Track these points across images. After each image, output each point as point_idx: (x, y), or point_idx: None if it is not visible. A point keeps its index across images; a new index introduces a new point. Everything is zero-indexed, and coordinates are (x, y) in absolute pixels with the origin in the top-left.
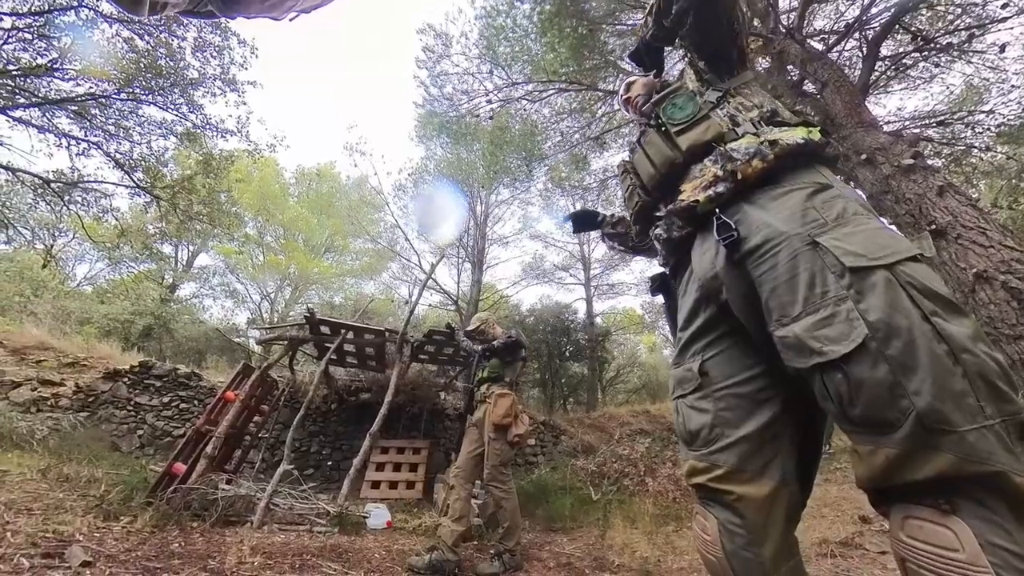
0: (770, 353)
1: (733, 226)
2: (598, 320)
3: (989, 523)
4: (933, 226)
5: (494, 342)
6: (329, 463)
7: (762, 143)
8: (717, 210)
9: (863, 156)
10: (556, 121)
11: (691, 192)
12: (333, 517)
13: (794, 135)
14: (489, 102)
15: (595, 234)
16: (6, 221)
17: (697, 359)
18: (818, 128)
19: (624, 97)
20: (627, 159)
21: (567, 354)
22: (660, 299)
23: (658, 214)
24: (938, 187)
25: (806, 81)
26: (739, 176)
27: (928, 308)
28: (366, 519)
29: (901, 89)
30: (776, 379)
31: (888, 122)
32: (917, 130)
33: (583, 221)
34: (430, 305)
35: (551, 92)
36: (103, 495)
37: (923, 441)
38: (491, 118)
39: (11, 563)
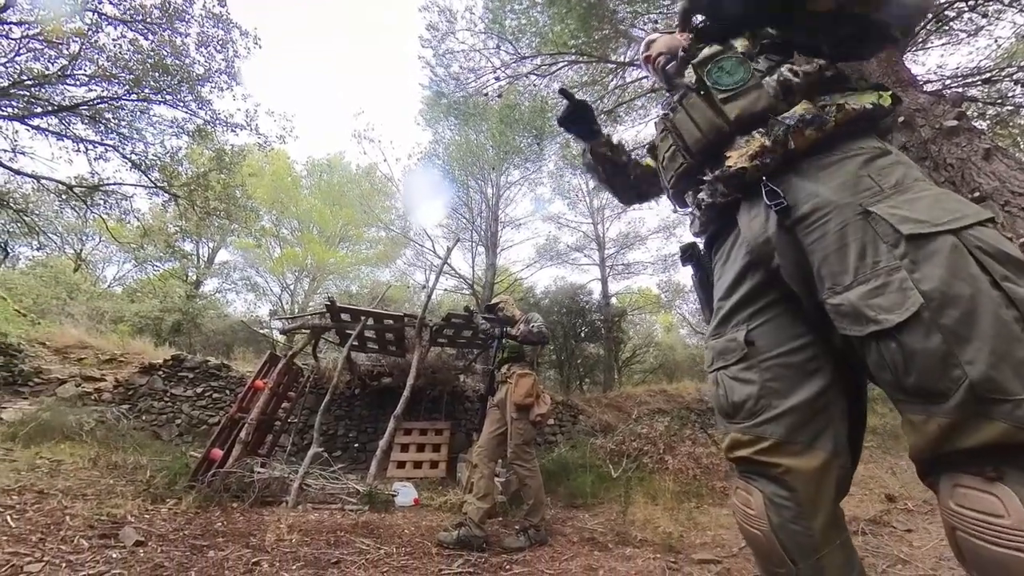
0: (820, 322)
1: (781, 194)
2: (613, 300)
3: None
4: (977, 193)
5: (519, 326)
6: (356, 445)
7: (822, 107)
8: (764, 178)
9: (900, 119)
10: None
11: (737, 159)
12: (363, 496)
13: (861, 100)
14: (497, 79)
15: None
16: (36, 229)
17: (743, 328)
18: (889, 93)
19: (645, 55)
20: (668, 116)
21: (583, 335)
22: (689, 270)
23: (704, 178)
24: (984, 150)
25: None
26: (790, 146)
27: (999, 273)
28: (394, 497)
29: (942, 44)
30: (826, 349)
31: (928, 81)
32: (960, 89)
33: (577, 118)
34: (446, 290)
35: (561, 66)
36: (149, 480)
37: (974, 410)
38: (499, 96)
39: (72, 544)
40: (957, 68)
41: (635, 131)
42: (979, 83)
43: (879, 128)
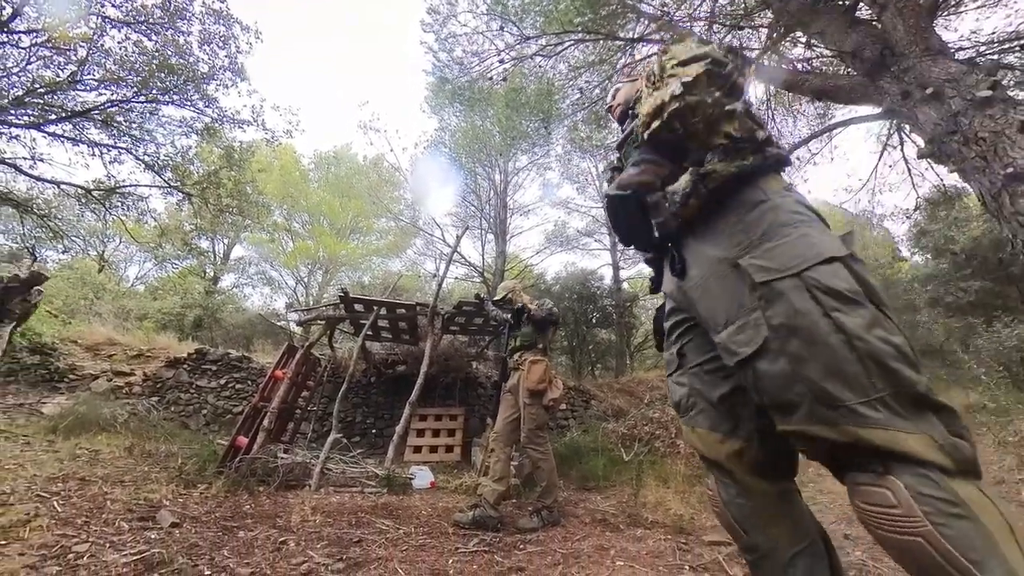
0: None
1: (677, 259)
2: (625, 286)
3: (919, 477)
4: (1011, 168)
5: (531, 308)
6: (373, 431)
7: (696, 180)
8: (670, 244)
9: (928, 90)
10: (573, 77)
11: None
12: (381, 479)
13: (729, 167)
14: (502, 62)
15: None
16: (60, 233)
17: (676, 344)
18: (748, 153)
19: (608, 106)
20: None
21: (594, 321)
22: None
23: None
24: (1020, 122)
25: (861, 4)
26: (680, 218)
27: (830, 306)
28: (411, 480)
29: (976, 8)
30: None
31: (960, 48)
32: (995, 56)
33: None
34: (456, 278)
35: (567, 45)
36: (181, 467)
37: (819, 416)
38: (504, 79)
39: (114, 526)
40: (993, 33)
41: None
42: (1017, 49)
43: (765, 174)
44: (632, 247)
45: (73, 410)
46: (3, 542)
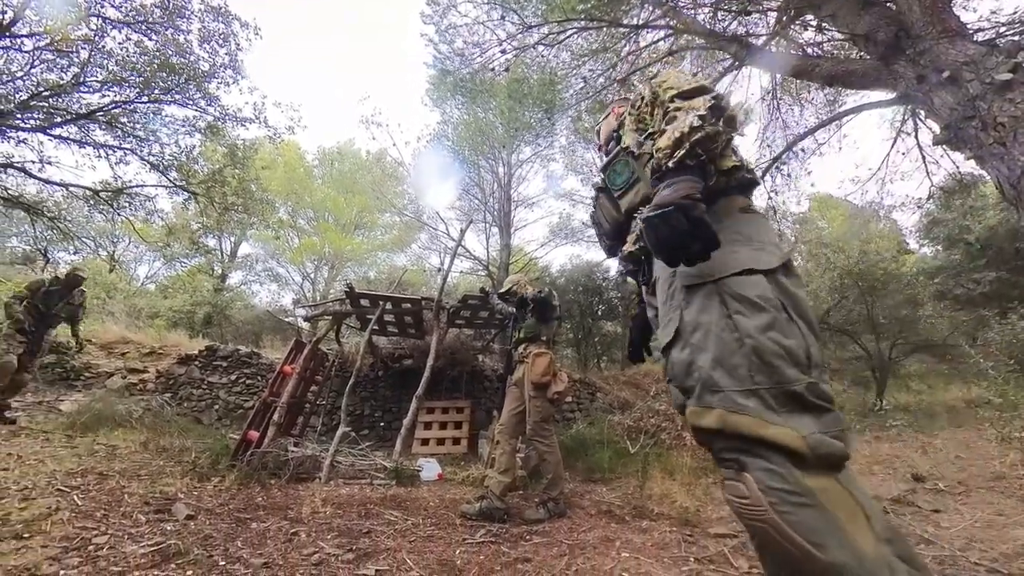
0: None
1: (645, 272)
2: (630, 278)
3: (767, 471)
4: None
5: (527, 293)
6: (381, 424)
7: (671, 155)
8: (643, 257)
9: (945, 74)
10: (577, 66)
11: (628, 245)
12: (390, 471)
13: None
14: (503, 52)
15: None
16: (71, 234)
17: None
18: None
19: (597, 143)
20: (592, 210)
21: (599, 313)
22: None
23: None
24: None
25: None
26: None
27: (734, 308)
28: (419, 472)
29: None
30: None
31: (979, 29)
32: (1016, 37)
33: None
34: (461, 272)
35: (569, 33)
36: (194, 461)
37: (703, 400)
38: (506, 70)
39: (131, 518)
40: (1015, 13)
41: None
42: None
43: (728, 195)
44: (679, 264)
45: (89, 407)
46: (26, 535)
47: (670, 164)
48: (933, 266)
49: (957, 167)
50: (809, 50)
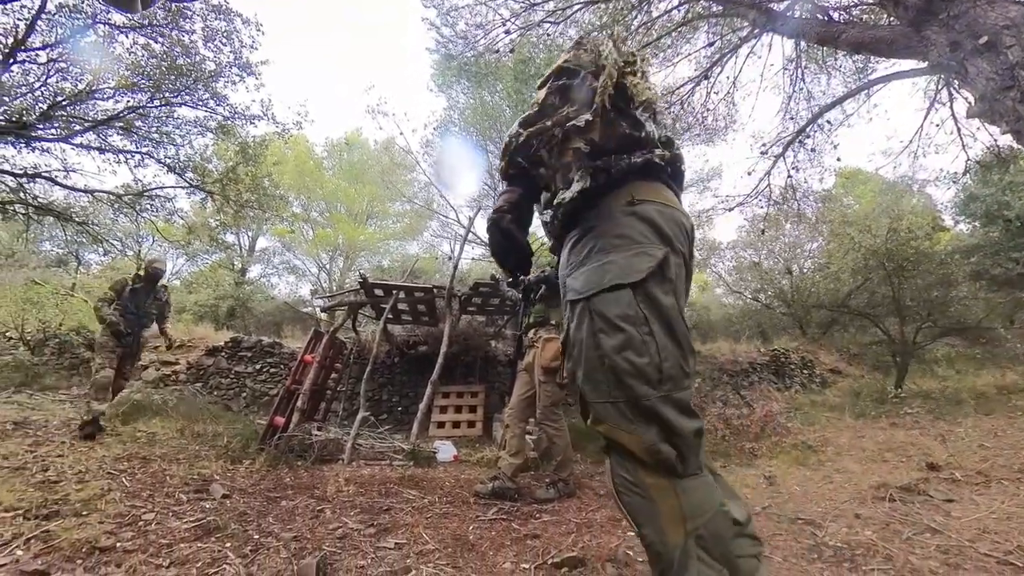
0: None
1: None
2: None
3: (619, 462)
4: None
5: (527, 278)
6: (399, 408)
7: (553, 212)
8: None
9: (982, 40)
10: None
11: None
12: (408, 453)
13: (571, 194)
14: (507, 32)
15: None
16: (99, 237)
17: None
18: (598, 170)
19: None
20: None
21: None
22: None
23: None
24: None
25: None
26: (558, 242)
27: (598, 327)
28: (436, 454)
29: None
30: None
31: None
32: None
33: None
34: (473, 259)
35: (576, 8)
36: (227, 445)
37: (583, 407)
38: (512, 51)
39: (174, 497)
40: None
41: (663, 75)
42: None
43: (617, 188)
44: (509, 272)
45: (129, 398)
46: (84, 512)
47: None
48: (969, 244)
49: (995, 140)
50: (835, 15)
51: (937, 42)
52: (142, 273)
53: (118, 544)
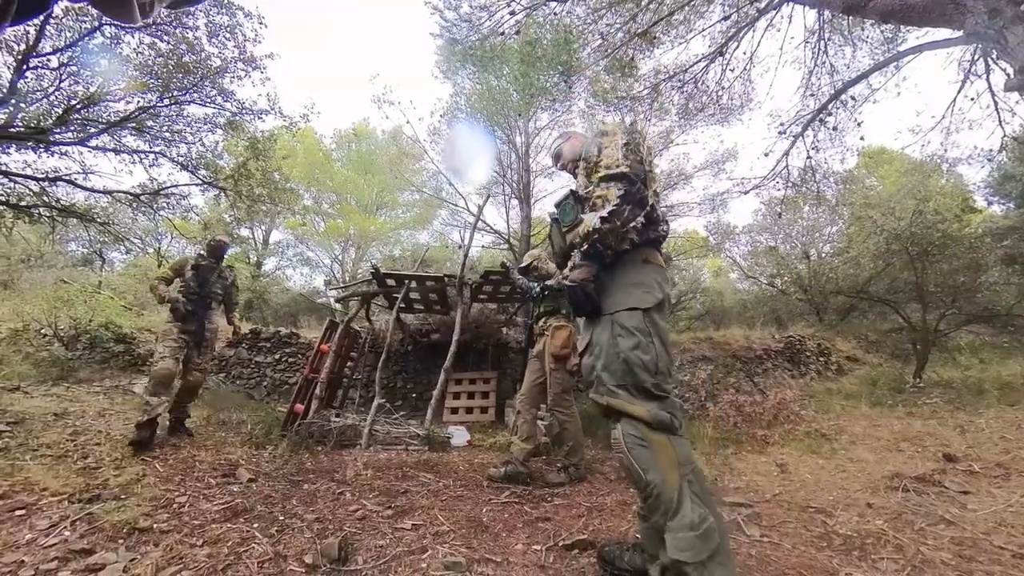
0: None
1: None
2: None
3: (630, 424)
4: None
5: (550, 282)
6: (413, 395)
7: (582, 244)
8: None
9: (1023, 6)
10: (593, 21)
11: (568, 270)
12: (423, 438)
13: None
14: (512, 13)
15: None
16: (120, 236)
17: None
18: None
19: (561, 164)
20: (549, 232)
21: None
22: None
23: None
24: None
25: None
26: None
27: (616, 332)
28: (450, 439)
29: None
30: None
31: None
32: None
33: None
34: (483, 247)
35: None
36: (251, 432)
37: (598, 390)
38: (517, 32)
39: (203, 481)
40: None
41: (675, 53)
42: None
43: (635, 252)
44: (583, 315)
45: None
46: (123, 496)
47: (580, 250)
48: (1003, 226)
49: None
50: None
51: (974, 9)
52: (204, 252)
53: (155, 525)
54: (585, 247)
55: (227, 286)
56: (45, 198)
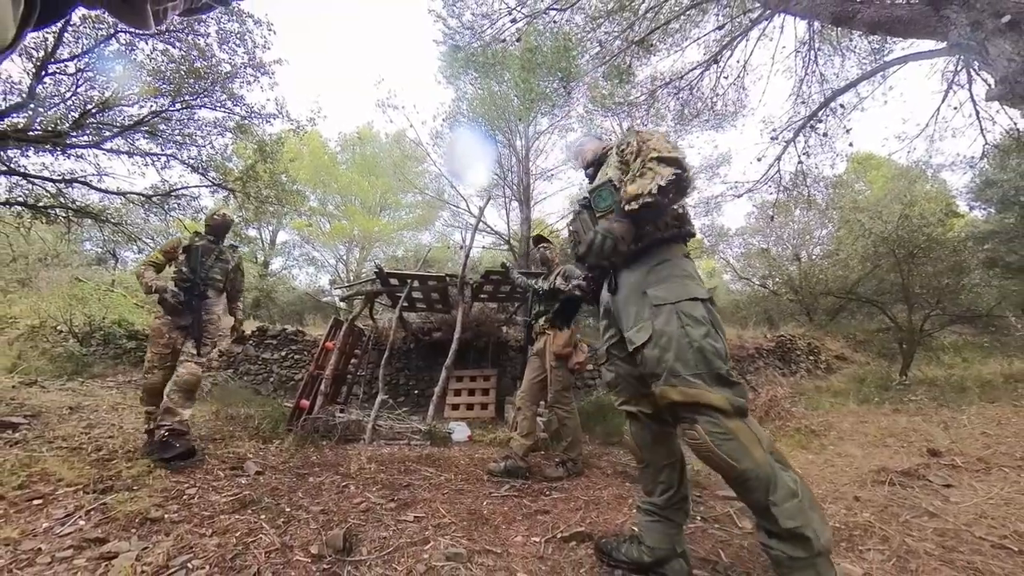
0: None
1: (615, 283)
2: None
3: (709, 422)
4: None
5: (553, 278)
6: (416, 391)
7: (635, 241)
8: (612, 271)
9: (1004, 19)
10: (592, 29)
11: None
12: (424, 433)
13: (653, 236)
14: (514, 21)
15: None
16: (133, 236)
17: (607, 344)
18: (669, 228)
19: (581, 163)
20: (570, 223)
21: None
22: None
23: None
24: None
25: None
26: (623, 256)
27: (686, 322)
28: (451, 434)
29: None
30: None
31: None
32: None
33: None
34: (484, 247)
35: None
36: (257, 426)
37: (669, 382)
38: (518, 40)
39: (212, 474)
40: None
41: (671, 60)
42: None
43: (674, 243)
44: (594, 264)
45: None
46: (135, 487)
47: (624, 207)
48: (984, 230)
49: (1015, 123)
50: None
51: (957, 21)
52: (202, 230)
53: (166, 515)
54: (634, 206)
55: (229, 271)
56: (61, 199)
